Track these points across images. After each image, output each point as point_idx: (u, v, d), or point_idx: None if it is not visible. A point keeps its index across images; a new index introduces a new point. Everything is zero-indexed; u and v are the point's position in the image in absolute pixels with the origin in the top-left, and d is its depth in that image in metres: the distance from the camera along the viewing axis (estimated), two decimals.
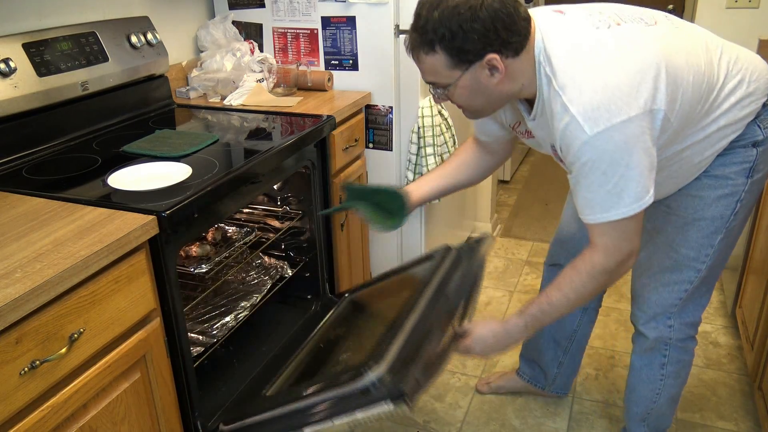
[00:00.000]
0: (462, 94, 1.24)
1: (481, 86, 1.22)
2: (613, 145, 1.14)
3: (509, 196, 3.68)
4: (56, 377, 1.03)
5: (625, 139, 1.14)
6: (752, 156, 1.38)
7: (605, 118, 1.13)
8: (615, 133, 1.14)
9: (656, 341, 1.58)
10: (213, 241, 1.81)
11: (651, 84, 1.17)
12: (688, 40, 1.29)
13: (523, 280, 2.77)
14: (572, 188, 1.26)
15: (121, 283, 1.13)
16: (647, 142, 1.17)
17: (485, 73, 1.19)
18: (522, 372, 2.06)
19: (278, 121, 1.83)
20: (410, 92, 2.12)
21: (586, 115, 1.14)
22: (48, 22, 1.65)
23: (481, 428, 1.96)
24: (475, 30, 1.12)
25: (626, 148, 1.15)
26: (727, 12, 2.49)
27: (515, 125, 1.45)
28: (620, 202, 1.19)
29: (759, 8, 2.45)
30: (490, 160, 1.63)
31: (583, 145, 1.16)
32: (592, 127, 1.14)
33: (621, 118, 1.13)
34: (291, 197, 1.97)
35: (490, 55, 1.16)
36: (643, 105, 1.16)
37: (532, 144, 1.45)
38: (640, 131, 1.16)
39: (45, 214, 1.20)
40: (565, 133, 1.18)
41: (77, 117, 1.66)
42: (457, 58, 1.17)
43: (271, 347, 1.71)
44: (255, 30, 2.21)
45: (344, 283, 2.09)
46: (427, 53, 1.18)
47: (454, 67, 1.18)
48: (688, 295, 1.51)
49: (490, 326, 1.39)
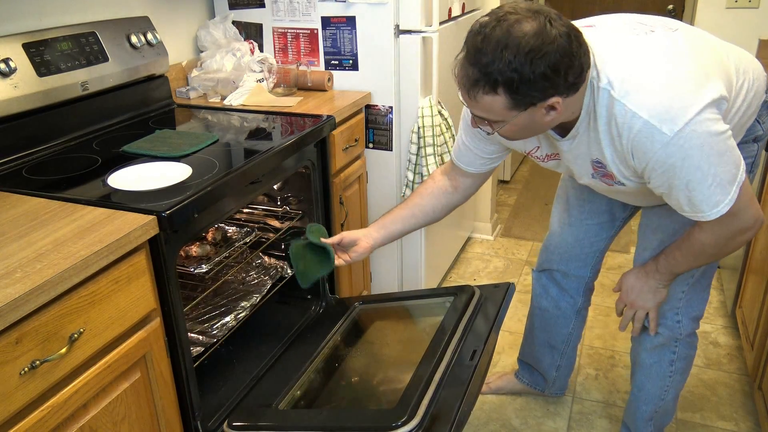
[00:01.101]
0: (511, 129, 1.19)
1: (534, 123, 1.17)
2: (697, 139, 1.12)
3: (509, 196, 3.68)
4: (56, 377, 1.03)
5: (707, 129, 1.13)
6: (754, 151, 1.41)
7: (681, 115, 1.11)
8: (696, 126, 1.12)
9: (667, 338, 1.58)
10: (213, 241, 1.81)
11: (707, 77, 1.17)
12: (707, 42, 1.30)
13: (523, 280, 2.77)
14: (665, 194, 1.23)
15: (121, 283, 1.13)
16: (723, 126, 1.15)
17: (542, 112, 1.14)
18: (521, 376, 2.06)
19: (278, 121, 1.83)
20: (410, 92, 2.12)
21: (660, 117, 1.12)
22: (48, 22, 1.65)
23: (481, 428, 1.96)
24: (544, 76, 1.06)
25: (710, 137, 1.13)
26: (727, 12, 2.49)
27: (532, 150, 1.42)
28: (724, 190, 1.17)
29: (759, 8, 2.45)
30: (457, 198, 1.59)
31: (665, 147, 1.13)
32: (671, 127, 1.12)
33: (696, 110, 1.12)
34: (291, 197, 1.97)
35: (554, 99, 1.11)
36: (710, 95, 1.14)
37: (551, 166, 1.44)
38: (715, 118, 1.14)
39: (45, 214, 1.20)
40: (639, 140, 1.15)
41: (77, 117, 1.66)
42: (520, 101, 1.10)
43: (271, 347, 1.71)
44: (255, 30, 2.21)
45: (344, 283, 2.09)
46: (486, 93, 1.10)
47: (513, 108, 1.12)
48: (690, 288, 1.53)
49: (632, 273, 1.51)
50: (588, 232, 1.73)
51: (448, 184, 1.58)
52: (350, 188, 2.08)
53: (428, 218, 1.59)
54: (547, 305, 1.87)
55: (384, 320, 1.75)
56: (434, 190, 1.58)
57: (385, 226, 1.57)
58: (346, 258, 1.54)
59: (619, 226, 1.72)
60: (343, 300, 1.93)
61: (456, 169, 1.56)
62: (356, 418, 1.30)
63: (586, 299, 1.86)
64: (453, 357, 1.35)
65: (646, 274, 1.48)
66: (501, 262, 2.94)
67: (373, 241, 1.54)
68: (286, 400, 1.46)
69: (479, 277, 2.82)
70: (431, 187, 1.59)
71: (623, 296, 1.54)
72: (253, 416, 1.42)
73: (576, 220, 1.73)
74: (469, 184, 1.57)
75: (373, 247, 1.54)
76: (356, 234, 1.54)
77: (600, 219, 1.70)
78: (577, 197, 1.72)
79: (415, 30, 2.05)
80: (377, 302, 1.84)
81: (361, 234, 1.54)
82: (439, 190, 1.58)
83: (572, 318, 1.86)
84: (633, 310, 1.54)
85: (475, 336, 1.42)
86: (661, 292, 1.49)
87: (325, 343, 1.66)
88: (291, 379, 1.53)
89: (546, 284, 1.86)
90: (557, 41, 1.05)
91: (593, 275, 1.81)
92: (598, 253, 1.77)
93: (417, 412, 1.19)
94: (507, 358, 2.25)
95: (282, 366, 1.63)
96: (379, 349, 1.62)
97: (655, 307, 1.52)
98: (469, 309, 1.50)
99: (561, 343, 1.91)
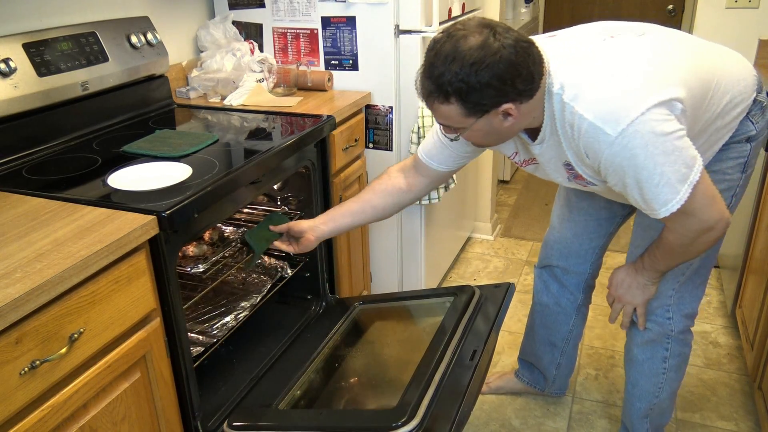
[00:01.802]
0: (475, 135, 1.26)
1: (494, 129, 1.23)
2: (640, 139, 1.14)
3: (509, 196, 3.68)
4: (56, 377, 1.03)
5: (651, 129, 1.14)
6: (746, 151, 1.42)
7: (624, 116, 1.14)
8: (639, 126, 1.14)
9: (658, 334, 1.59)
10: (210, 241, 1.81)
11: (660, 80, 1.19)
12: (680, 44, 1.33)
13: (523, 280, 2.77)
14: (622, 192, 1.26)
15: (121, 283, 1.13)
16: (673, 125, 1.17)
17: (499, 119, 1.20)
18: (521, 374, 2.06)
19: (278, 121, 1.83)
20: (410, 92, 2.12)
21: (603, 118, 1.15)
22: (48, 22, 1.65)
23: (481, 428, 1.96)
24: (491, 86, 1.13)
25: (654, 136, 1.15)
26: (727, 12, 2.49)
27: (512, 155, 1.47)
28: (673, 189, 1.18)
29: (759, 8, 2.45)
30: (409, 198, 1.61)
31: (610, 147, 1.16)
32: (614, 127, 1.15)
33: (639, 111, 1.14)
34: (291, 197, 1.97)
35: (506, 106, 1.17)
36: (657, 97, 1.16)
37: (531, 170, 1.48)
38: (663, 118, 1.15)
39: (45, 214, 1.20)
40: (587, 141, 1.19)
41: (77, 117, 1.66)
42: (473, 109, 1.17)
43: (271, 347, 1.71)
44: (255, 30, 2.21)
45: (344, 284, 2.09)
46: (441, 103, 1.18)
47: (469, 116, 1.19)
48: (681, 286, 1.54)
49: (623, 269, 1.54)
50: (587, 228, 1.74)
51: (403, 182, 1.59)
52: (350, 188, 2.08)
53: (377, 215, 1.61)
54: (547, 301, 1.88)
55: (384, 320, 1.75)
56: (388, 187, 1.59)
57: (334, 219, 1.59)
58: (293, 248, 1.59)
59: (618, 223, 1.73)
60: (343, 300, 1.93)
61: (418, 167, 1.57)
62: (356, 418, 1.30)
63: (586, 296, 1.87)
64: (453, 357, 1.35)
65: (635, 271, 1.51)
66: (501, 262, 2.94)
67: (320, 233, 1.57)
68: (286, 400, 1.46)
69: (479, 277, 2.82)
70: (385, 183, 1.60)
71: (612, 290, 1.57)
72: (253, 416, 1.42)
73: (575, 216, 1.75)
74: (424, 185, 1.59)
75: (318, 238, 1.57)
76: (303, 225, 1.58)
77: (598, 215, 1.72)
78: (576, 194, 1.73)
79: (415, 30, 2.05)
80: (377, 302, 1.84)
81: (306, 226, 1.57)
82: (393, 188, 1.59)
83: (572, 315, 1.87)
84: (621, 304, 1.57)
85: (475, 336, 1.42)
86: (649, 288, 1.51)
87: (325, 343, 1.66)
88: (291, 379, 1.53)
89: (547, 280, 1.87)
90: (500, 52, 1.11)
91: (593, 272, 1.82)
92: (598, 250, 1.78)
93: (417, 412, 1.19)
94: (507, 358, 2.26)
95: (282, 366, 1.63)
96: (379, 349, 1.62)
97: (643, 303, 1.54)
98: (469, 309, 1.51)
99: (561, 341, 1.91)
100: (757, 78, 1.40)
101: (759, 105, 1.40)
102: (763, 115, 1.41)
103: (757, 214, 2.11)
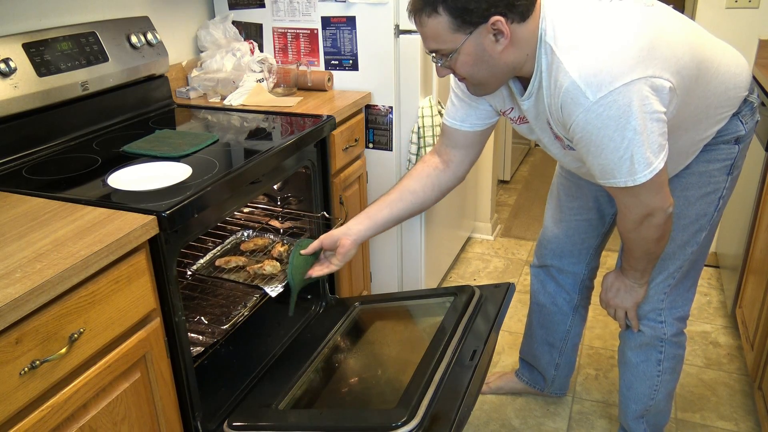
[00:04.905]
0: (466, 62, 1.21)
1: (486, 53, 1.19)
2: (616, 110, 1.13)
3: (509, 196, 3.68)
4: (56, 377, 1.03)
5: (629, 103, 1.13)
6: (733, 153, 1.42)
7: (607, 83, 1.12)
8: (618, 97, 1.12)
9: (651, 338, 1.59)
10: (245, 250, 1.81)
11: (655, 53, 1.16)
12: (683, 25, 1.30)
13: (523, 280, 2.77)
14: (583, 156, 1.25)
15: (121, 283, 1.13)
16: (653, 106, 1.15)
17: (490, 38, 1.17)
18: (521, 374, 2.07)
19: (278, 121, 1.83)
20: (410, 92, 2.12)
21: (587, 80, 1.13)
22: (48, 22, 1.65)
23: (481, 428, 1.96)
24: None
25: (630, 111, 1.13)
26: (727, 12, 2.49)
27: (507, 111, 1.42)
28: (632, 169, 1.18)
29: (759, 8, 2.45)
30: (448, 176, 1.53)
31: (585, 112, 1.15)
32: (594, 92, 1.13)
33: (623, 81, 1.12)
34: (291, 197, 1.97)
35: (495, 18, 1.14)
36: (647, 72, 1.14)
37: (523, 131, 1.44)
38: (644, 95, 1.13)
39: (45, 214, 1.20)
40: (565, 99, 1.17)
41: (77, 117, 1.66)
42: (461, 19, 1.14)
43: (271, 347, 1.71)
44: (255, 30, 2.21)
45: (344, 284, 2.09)
46: (429, 15, 1.16)
47: (458, 30, 1.16)
48: (672, 289, 1.54)
49: (612, 273, 1.55)
50: (578, 228, 1.75)
51: (437, 160, 1.53)
52: (350, 188, 2.08)
53: (418, 200, 1.51)
54: (544, 301, 1.88)
55: (384, 320, 1.75)
56: (424, 168, 1.53)
57: (369, 215, 1.49)
58: (333, 264, 1.47)
59: (609, 223, 1.73)
60: (343, 300, 1.93)
61: (447, 138, 1.52)
62: (356, 418, 1.30)
63: (583, 296, 1.86)
64: (453, 357, 1.35)
65: (622, 273, 1.51)
66: (501, 262, 2.94)
67: (355, 235, 1.46)
68: (286, 400, 1.46)
69: (479, 277, 2.82)
70: (420, 167, 1.54)
71: (602, 295, 1.58)
72: (253, 416, 1.42)
73: (566, 216, 1.76)
74: (458, 158, 1.51)
75: (356, 242, 1.45)
76: (334, 234, 1.46)
77: (588, 215, 1.72)
78: (566, 194, 1.74)
79: (415, 30, 2.04)
80: (377, 302, 1.84)
81: (339, 233, 1.46)
82: (429, 168, 1.52)
83: (569, 315, 1.87)
84: (612, 308, 1.57)
85: (475, 336, 1.42)
86: (637, 291, 1.51)
87: (325, 343, 1.66)
88: (291, 379, 1.53)
89: (543, 280, 1.87)
90: None
91: (589, 272, 1.83)
92: (592, 250, 1.78)
93: (417, 412, 1.19)
94: (507, 358, 2.26)
95: (282, 366, 1.63)
96: (379, 349, 1.62)
97: (633, 307, 1.54)
98: (469, 309, 1.50)
99: (559, 341, 1.91)
100: (751, 77, 1.40)
101: (750, 105, 1.40)
102: (753, 116, 1.41)
103: (757, 214, 2.11)
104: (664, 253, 1.48)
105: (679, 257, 1.50)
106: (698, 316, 2.47)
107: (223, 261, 1.70)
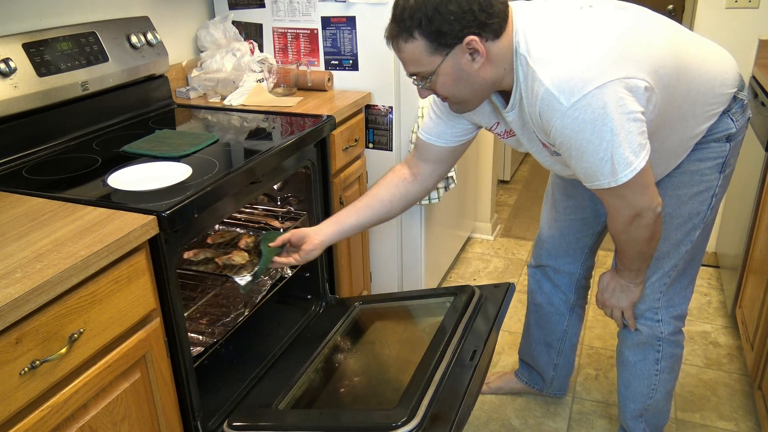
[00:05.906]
0: (445, 82, 1.23)
1: (464, 72, 1.21)
2: (591, 113, 1.14)
3: (509, 196, 3.68)
4: (56, 377, 1.03)
5: (603, 105, 1.13)
6: (725, 151, 1.42)
7: (579, 87, 1.13)
8: (592, 100, 1.13)
9: (648, 337, 1.60)
10: (212, 242, 1.81)
11: (628, 54, 1.18)
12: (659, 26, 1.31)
13: (523, 280, 2.77)
14: (566, 161, 1.26)
15: (121, 283, 1.13)
16: (629, 107, 1.15)
17: (466, 58, 1.19)
18: (520, 374, 2.07)
19: (278, 121, 1.83)
20: (410, 92, 2.12)
21: (560, 86, 1.14)
22: (48, 22, 1.65)
23: (481, 428, 1.96)
24: (451, 12, 1.13)
25: (605, 113, 1.14)
26: (727, 12, 2.49)
27: (493, 126, 1.44)
28: (613, 169, 1.18)
29: (759, 8, 2.45)
30: (416, 188, 1.55)
31: (562, 117, 1.16)
32: (568, 97, 1.14)
33: (595, 84, 1.13)
34: (291, 197, 1.97)
35: (470, 38, 1.16)
36: (620, 73, 1.14)
37: (512, 143, 1.46)
38: (619, 96, 1.14)
39: (45, 214, 1.20)
40: (542, 107, 1.18)
41: (77, 117, 1.66)
42: (437, 42, 1.17)
43: (271, 347, 1.71)
44: (255, 30, 2.21)
45: (344, 284, 2.09)
46: (406, 40, 1.19)
47: (435, 53, 1.18)
48: (668, 288, 1.55)
49: (608, 273, 1.55)
50: (572, 228, 1.75)
51: (407, 171, 1.55)
52: (350, 188, 2.08)
53: (384, 208, 1.54)
54: (540, 300, 1.89)
55: (384, 320, 1.75)
56: (392, 178, 1.55)
57: (338, 221, 1.52)
58: (294, 257, 1.49)
59: (603, 222, 1.73)
60: (343, 300, 1.93)
61: (419, 151, 1.53)
62: (356, 418, 1.30)
63: (579, 296, 1.87)
64: (453, 357, 1.35)
65: (617, 273, 1.52)
66: (501, 262, 2.94)
67: (323, 237, 1.49)
68: (286, 400, 1.46)
69: (479, 277, 2.82)
70: (390, 176, 1.56)
71: (598, 295, 1.58)
72: (253, 416, 1.42)
73: (561, 216, 1.76)
74: (428, 171, 1.54)
75: (323, 242, 1.49)
76: (305, 231, 1.50)
77: (583, 214, 1.72)
78: (561, 193, 1.74)
79: None
80: (377, 302, 1.84)
81: (309, 231, 1.50)
82: (397, 179, 1.55)
83: (566, 314, 1.87)
84: (609, 308, 1.57)
85: (475, 336, 1.42)
86: (632, 290, 1.51)
87: (325, 343, 1.66)
88: (291, 379, 1.53)
89: (540, 280, 1.88)
90: None
91: (584, 272, 1.83)
92: (587, 249, 1.78)
93: (417, 412, 1.19)
94: (507, 358, 2.26)
95: (282, 366, 1.63)
96: (379, 349, 1.62)
97: (629, 306, 1.54)
98: (469, 309, 1.51)
99: (557, 341, 1.91)
100: (739, 75, 1.40)
101: (740, 103, 1.39)
102: (744, 113, 1.41)
103: (757, 214, 2.11)
104: (658, 252, 1.48)
105: (673, 256, 1.51)
106: (698, 316, 2.47)
107: (192, 253, 1.70)
